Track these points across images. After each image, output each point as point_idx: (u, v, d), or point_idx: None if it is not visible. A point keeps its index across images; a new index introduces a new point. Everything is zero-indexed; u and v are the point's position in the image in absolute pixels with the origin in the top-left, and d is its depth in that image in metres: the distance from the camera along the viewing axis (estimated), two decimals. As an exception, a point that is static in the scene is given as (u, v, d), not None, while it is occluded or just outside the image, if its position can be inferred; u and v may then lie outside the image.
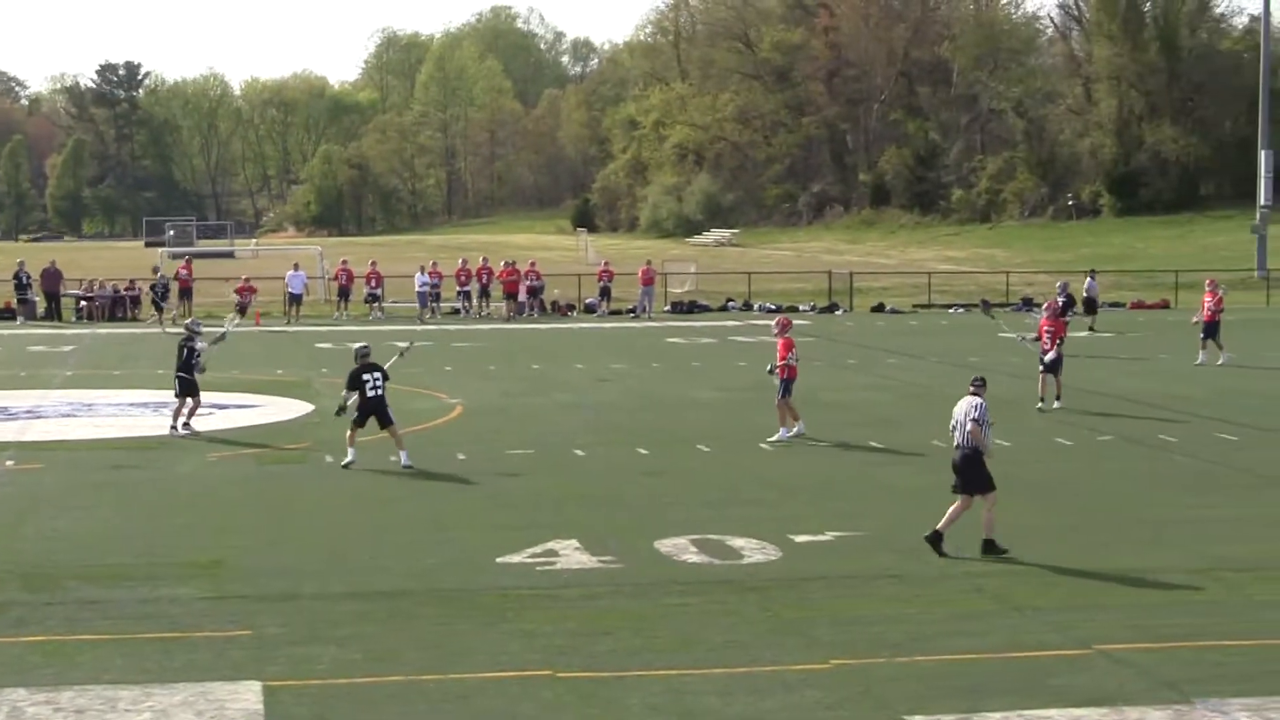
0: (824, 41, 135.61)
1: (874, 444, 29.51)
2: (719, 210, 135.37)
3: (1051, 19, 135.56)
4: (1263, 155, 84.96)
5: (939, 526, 19.75)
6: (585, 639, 15.96)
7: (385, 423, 26.66)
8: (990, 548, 19.60)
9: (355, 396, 26.55)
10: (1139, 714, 13.61)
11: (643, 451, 28.58)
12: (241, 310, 56.11)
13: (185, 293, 65.29)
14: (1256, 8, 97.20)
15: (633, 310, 68.48)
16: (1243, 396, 36.58)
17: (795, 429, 29.91)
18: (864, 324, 63.92)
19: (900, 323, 64.10)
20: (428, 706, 13.84)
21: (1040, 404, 34.18)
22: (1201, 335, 44.79)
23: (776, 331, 31.16)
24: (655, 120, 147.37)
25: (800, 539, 20.61)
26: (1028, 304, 71.91)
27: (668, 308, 71.13)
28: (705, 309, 71.42)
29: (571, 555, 19.70)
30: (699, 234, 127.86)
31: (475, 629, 16.37)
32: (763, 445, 29.17)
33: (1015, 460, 27.64)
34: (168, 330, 52.73)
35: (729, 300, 73.17)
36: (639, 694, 14.15)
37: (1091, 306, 59.49)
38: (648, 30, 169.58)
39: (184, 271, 66.19)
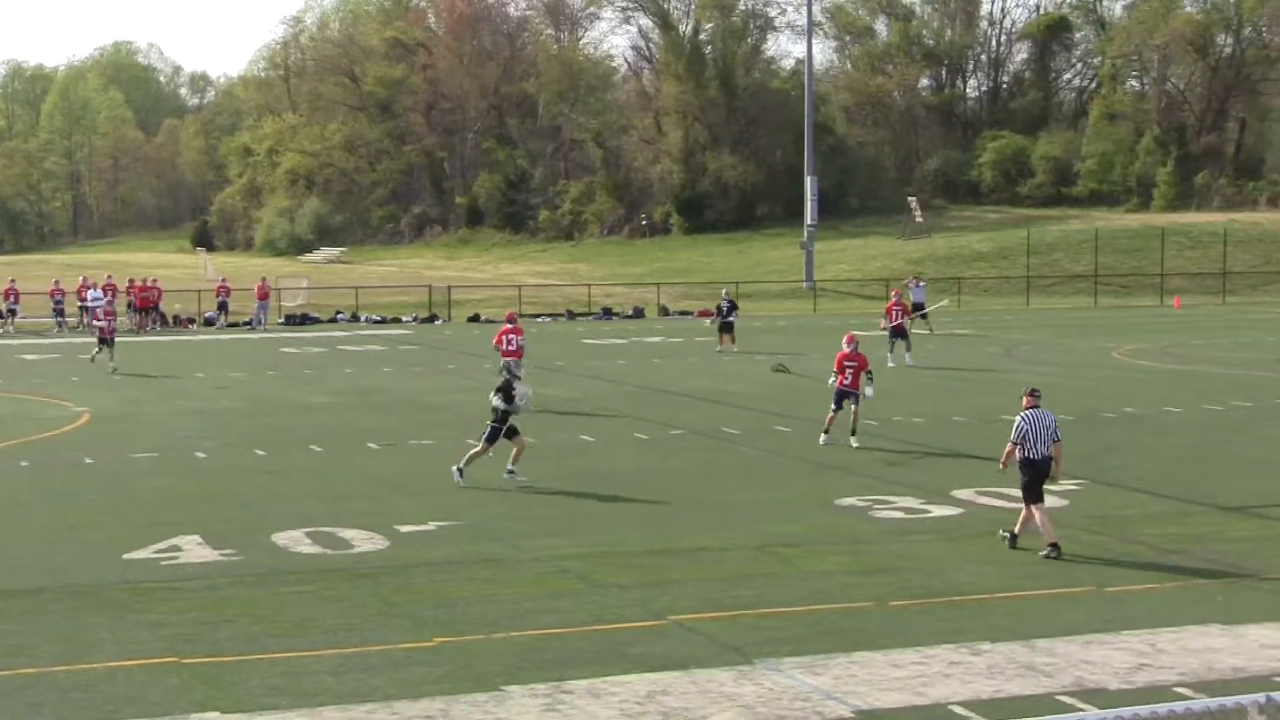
0: (423, 77, 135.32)
1: (471, 441, 29.49)
2: (329, 230, 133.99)
3: (625, 59, 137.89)
4: (808, 181, 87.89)
5: (1048, 540, 18.78)
6: (208, 627, 15.62)
7: None
8: (1015, 543, 19.14)
9: None
10: (709, 675, 13.87)
11: (260, 452, 28.12)
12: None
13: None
14: (801, 52, 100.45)
15: (249, 323, 67.39)
16: (793, 392, 37.69)
17: None
18: (461, 333, 64.00)
19: (494, 331, 64.15)
20: (59, 695, 13.36)
21: (824, 436, 28.83)
22: (890, 339, 45.14)
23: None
24: (269, 148, 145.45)
25: (406, 529, 20.52)
26: (608, 313, 72.99)
27: (282, 320, 70.17)
28: (316, 321, 70.67)
29: (194, 550, 19.27)
30: (310, 252, 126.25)
31: (105, 621, 15.88)
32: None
33: (597, 454, 28.02)
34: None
35: (338, 313, 72.49)
36: (259, 676, 13.91)
37: (919, 308, 57.51)
38: (261, 66, 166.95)
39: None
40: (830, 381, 29.13)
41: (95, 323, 49.56)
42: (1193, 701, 8.34)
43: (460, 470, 24.41)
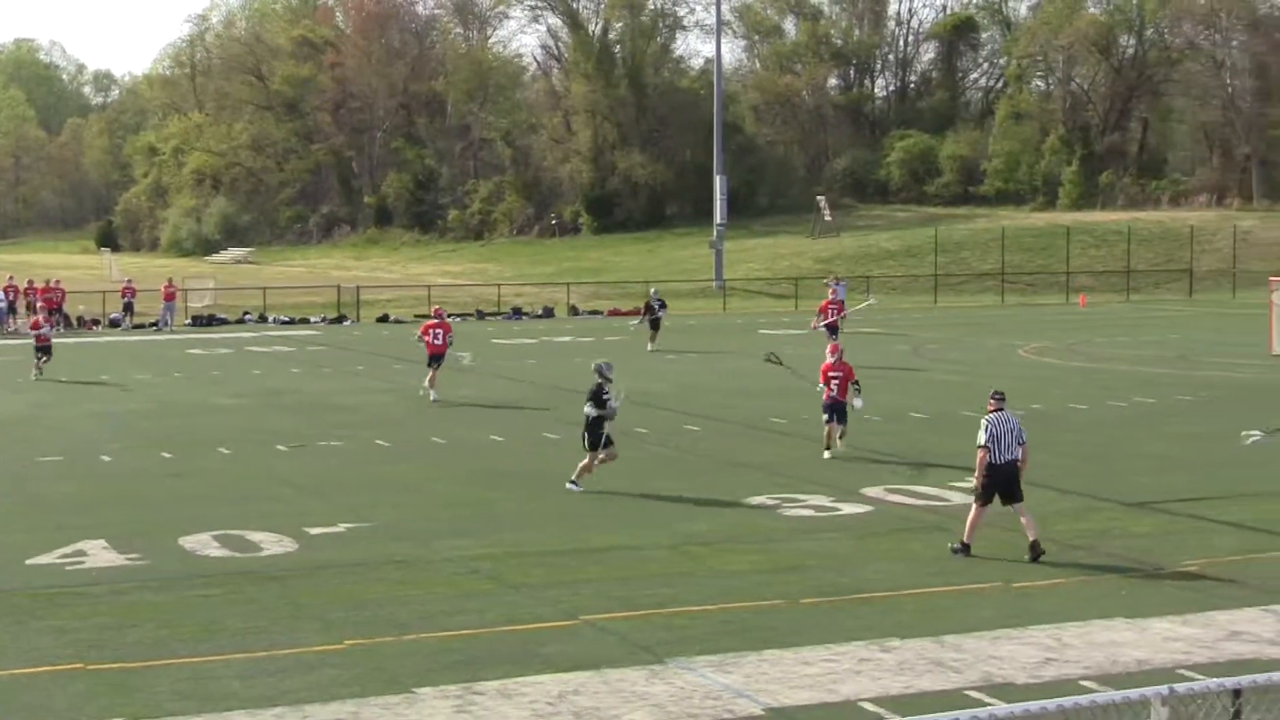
0: (331, 76, 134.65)
1: (380, 442, 29.44)
2: (236, 230, 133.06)
3: (535, 58, 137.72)
4: (718, 180, 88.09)
5: (966, 539, 18.75)
6: (114, 632, 15.47)
7: None
8: (1037, 549, 18.53)
9: None
10: (620, 675, 13.89)
11: (167, 455, 27.87)
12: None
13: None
14: (710, 51, 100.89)
15: (155, 324, 66.76)
16: (703, 392, 37.77)
17: None
18: (370, 333, 63.73)
19: (403, 331, 64.01)
20: (-39, 704, 13.21)
21: (826, 451, 26.96)
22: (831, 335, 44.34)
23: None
24: (174, 147, 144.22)
25: (315, 531, 20.41)
26: (517, 313, 72.91)
27: (188, 321, 69.55)
28: (224, 322, 70.10)
29: (100, 554, 19.07)
30: (217, 252, 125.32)
31: (6, 628, 15.67)
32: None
33: (507, 453, 27.99)
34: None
35: (246, 313, 71.95)
36: (166, 681, 13.79)
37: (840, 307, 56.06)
38: (166, 64, 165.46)
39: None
40: (820, 387, 27.48)
41: (33, 330, 46.90)
42: (1098, 694, 8.44)
43: (575, 482, 23.65)
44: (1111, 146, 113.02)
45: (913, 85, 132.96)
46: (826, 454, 26.80)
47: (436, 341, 36.20)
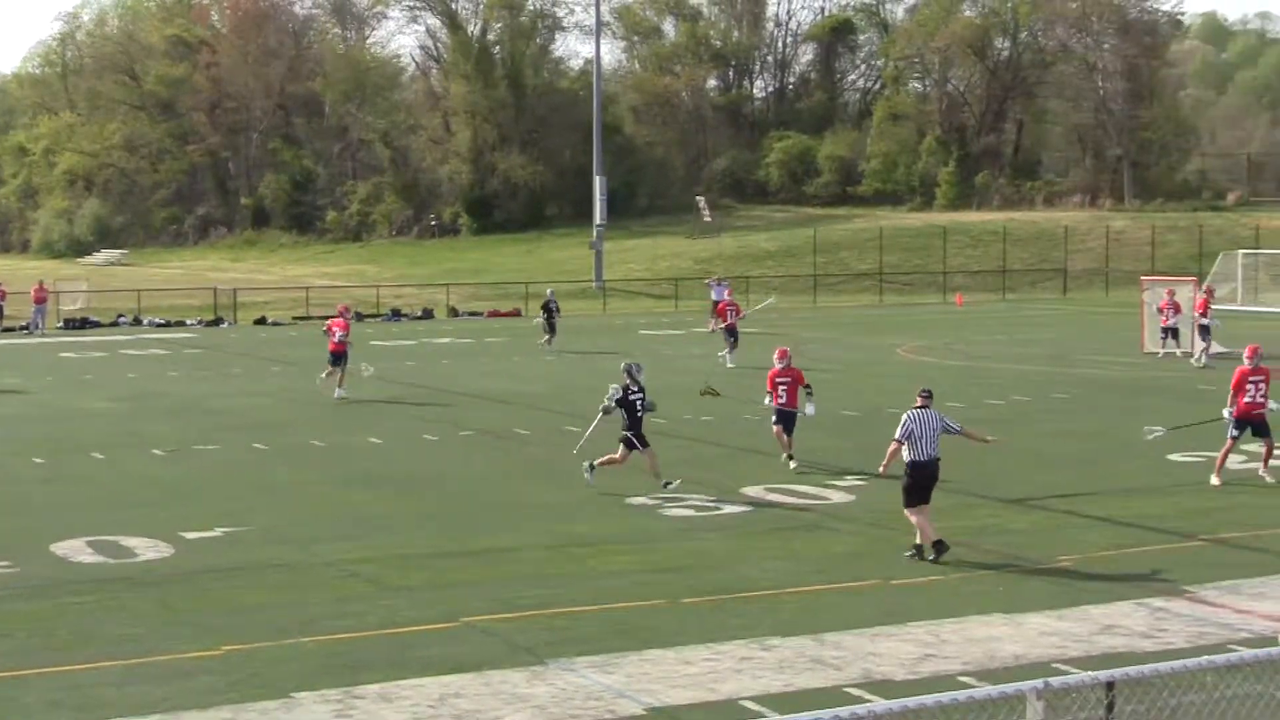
0: (206, 76, 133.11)
1: (258, 445, 29.18)
2: (109, 232, 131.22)
3: (413, 58, 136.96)
4: (597, 181, 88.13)
5: (935, 538, 18.54)
6: (-16, 641, 15.23)
7: None
8: (930, 553, 18.51)
9: None
10: (501, 676, 13.87)
11: (38, 460, 27.45)
12: None
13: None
14: (589, 52, 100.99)
15: (26, 327, 65.74)
16: (583, 392, 37.65)
17: None
18: (247, 335, 63.13)
19: (281, 334, 63.52)
20: None
21: (785, 456, 26.00)
22: (729, 337, 44.94)
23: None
24: (45, 148, 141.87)
25: (191, 536, 20.20)
26: (396, 314, 72.51)
27: (61, 324, 68.52)
28: (97, 325, 69.12)
29: (-31, 562, 18.77)
30: (90, 254, 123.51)
31: (-127, 638, 15.39)
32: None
33: (387, 456, 27.84)
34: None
35: (120, 316, 71.00)
36: (37, 691, 13.58)
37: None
38: (35, 63, 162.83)
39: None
40: (767, 401, 26.60)
41: None
42: (975, 689, 8.53)
43: (667, 484, 23.26)
44: (987, 148, 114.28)
45: (791, 86, 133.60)
46: (787, 460, 25.81)
47: (334, 338, 36.72)
